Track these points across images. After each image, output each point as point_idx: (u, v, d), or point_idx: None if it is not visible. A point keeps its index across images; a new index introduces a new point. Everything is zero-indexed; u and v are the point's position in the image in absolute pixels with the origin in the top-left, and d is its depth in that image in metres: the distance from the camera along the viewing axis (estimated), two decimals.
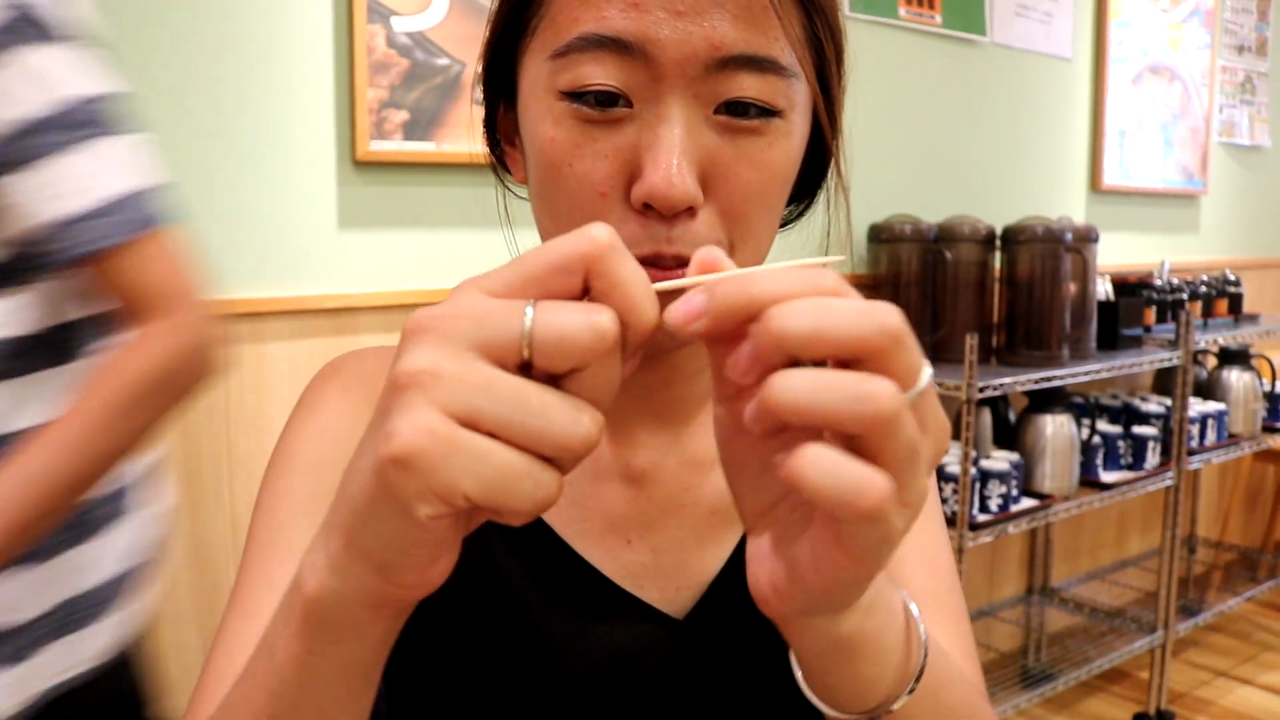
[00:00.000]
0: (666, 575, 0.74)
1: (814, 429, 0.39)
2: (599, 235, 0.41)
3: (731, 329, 0.40)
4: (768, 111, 0.58)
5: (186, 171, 1.68)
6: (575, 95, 0.57)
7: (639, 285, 0.40)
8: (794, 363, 0.39)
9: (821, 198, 0.73)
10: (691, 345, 0.72)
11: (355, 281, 1.85)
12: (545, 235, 0.63)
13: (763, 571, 0.46)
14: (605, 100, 0.57)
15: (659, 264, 0.59)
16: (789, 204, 0.72)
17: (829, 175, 0.72)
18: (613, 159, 0.58)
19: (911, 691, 0.51)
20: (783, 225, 0.72)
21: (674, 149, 0.56)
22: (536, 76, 0.60)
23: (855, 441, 0.38)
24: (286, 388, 1.79)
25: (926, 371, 0.40)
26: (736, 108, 0.57)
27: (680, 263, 0.59)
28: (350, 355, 0.73)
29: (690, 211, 0.58)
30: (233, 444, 1.76)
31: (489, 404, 0.38)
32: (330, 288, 1.83)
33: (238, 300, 1.73)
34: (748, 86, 0.57)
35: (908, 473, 0.38)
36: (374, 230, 1.87)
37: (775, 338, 0.38)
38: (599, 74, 0.56)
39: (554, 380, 0.40)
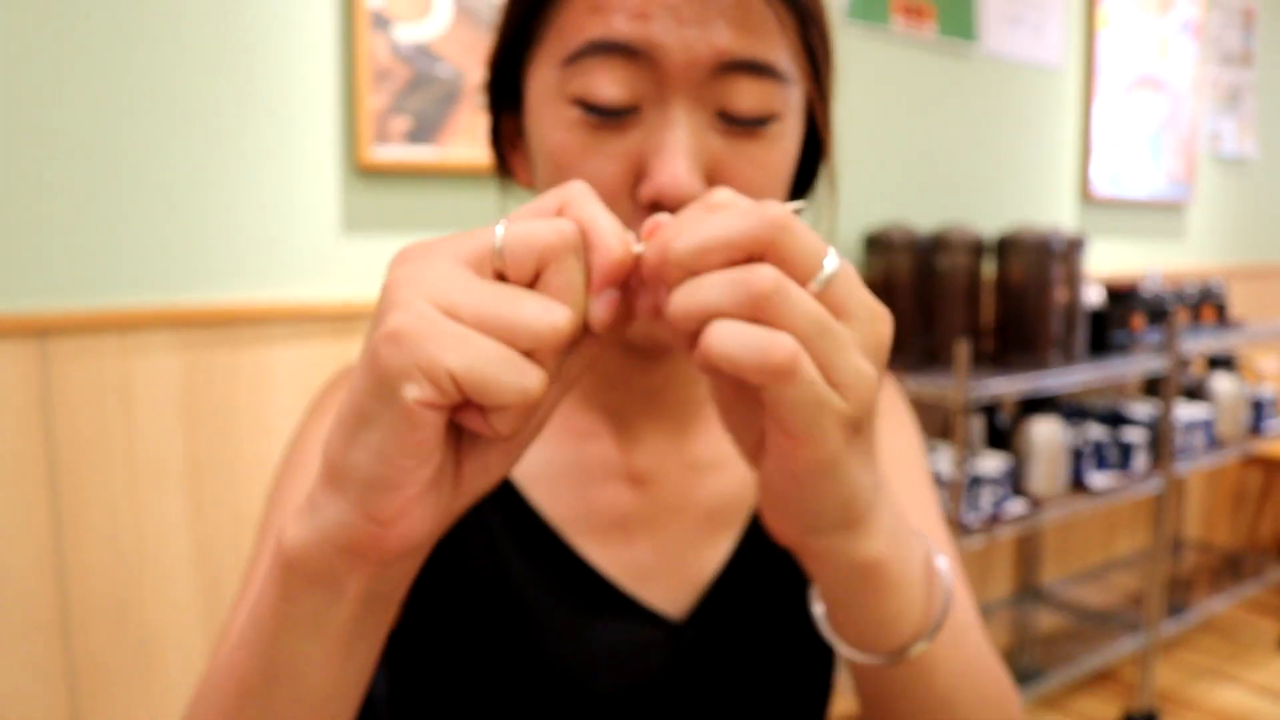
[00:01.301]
0: (667, 575, 0.75)
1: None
2: (574, 185, 0.44)
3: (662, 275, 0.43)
4: (767, 114, 0.61)
5: (191, 177, 1.70)
6: (585, 102, 0.60)
7: (605, 220, 0.43)
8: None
9: (815, 206, 0.76)
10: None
11: (358, 287, 1.88)
12: None
13: (763, 502, 0.47)
14: (614, 107, 0.60)
15: None
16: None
17: (821, 174, 0.76)
18: (620, 160, 0.61)
19: (932, 636, 0.52)
20: None
21: (680, 150, 0.59)
22: (545, 83, 0.62)
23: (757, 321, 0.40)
24: (289, 392, 1.82)
25: (830, 260, 0.41)
26: (738, 111, 0.61)
27: None
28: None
29: None
30: (236, 448, 1.79)
31: (466, 298, 0.41)
32: (333, 293, 1.85)
33: (242, 304, 1.75)
34: (748, 90, 0.60)
35: (821, 346, 0.40)
36: (377, 236, 1.89)
37: (673, 261, 0.42)
38: (608, 80, 0.59)
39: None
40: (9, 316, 1.58)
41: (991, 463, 2.34)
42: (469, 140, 1.91)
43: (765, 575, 0.78)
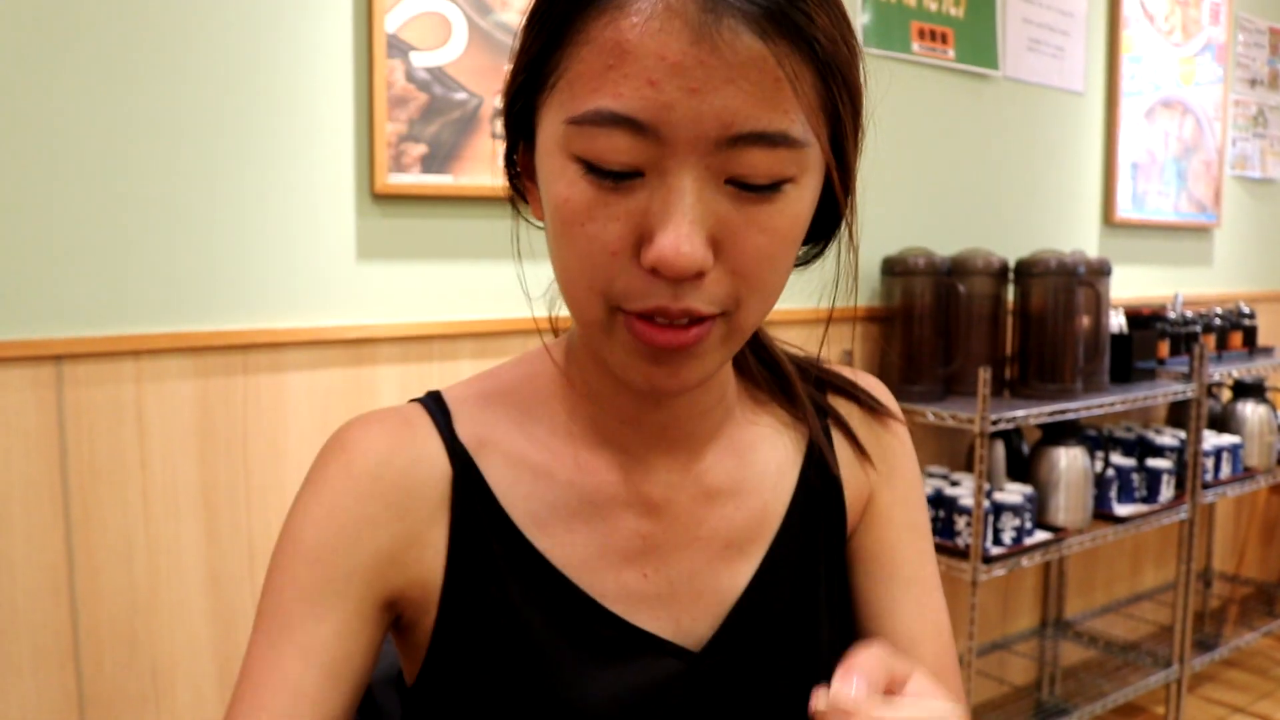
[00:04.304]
0: (682, 606, 0.74)
1: None
2: None
3: None
4: (779, 180, 0.60)
5: (206, 203, 1.71)
6: (590, 165, 0.59)
7: None
8: None
9: (833, 240, 0.75)
10: (704, 386, 0.74)
11: (373, 313, 1.87)
12: (559, 280, 0.65)
13: None
14: (619, 171, 0.58)
15: (665, 315, 0.60)
16: (802, 244, 0.73)
17: (841, 224, 0.74)
18: (624, 221, 0.59)
19: None
20: (796, 265, 0.73)
21: (684, 218, 0.57)
22: (553, 133, 0.61)
23: None
24: (305, 418, 1.81)
25: None
26: (748, 178, 0.59)
27: (688, 317, 0.61)
28: (357, 430, 0.72)
29: (699, 274, 0.59)
30: (250, 474, 1.78)
31: None
32: (349, 319, 1.85)
33: (257, 331, 1.75)
34: (759, 161, 0.58)
35: None
36: (392, 262, 1.89)
37: None
38: (612, 149, 0.58)
39: None
40: (25, 342, 1.58)
41: (1013, 491, 2.30)
42: (485, 167, 1.90)
43: (784, 603, 0.77)
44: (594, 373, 0.73)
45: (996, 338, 2.42)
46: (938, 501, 2.30)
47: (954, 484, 2.35)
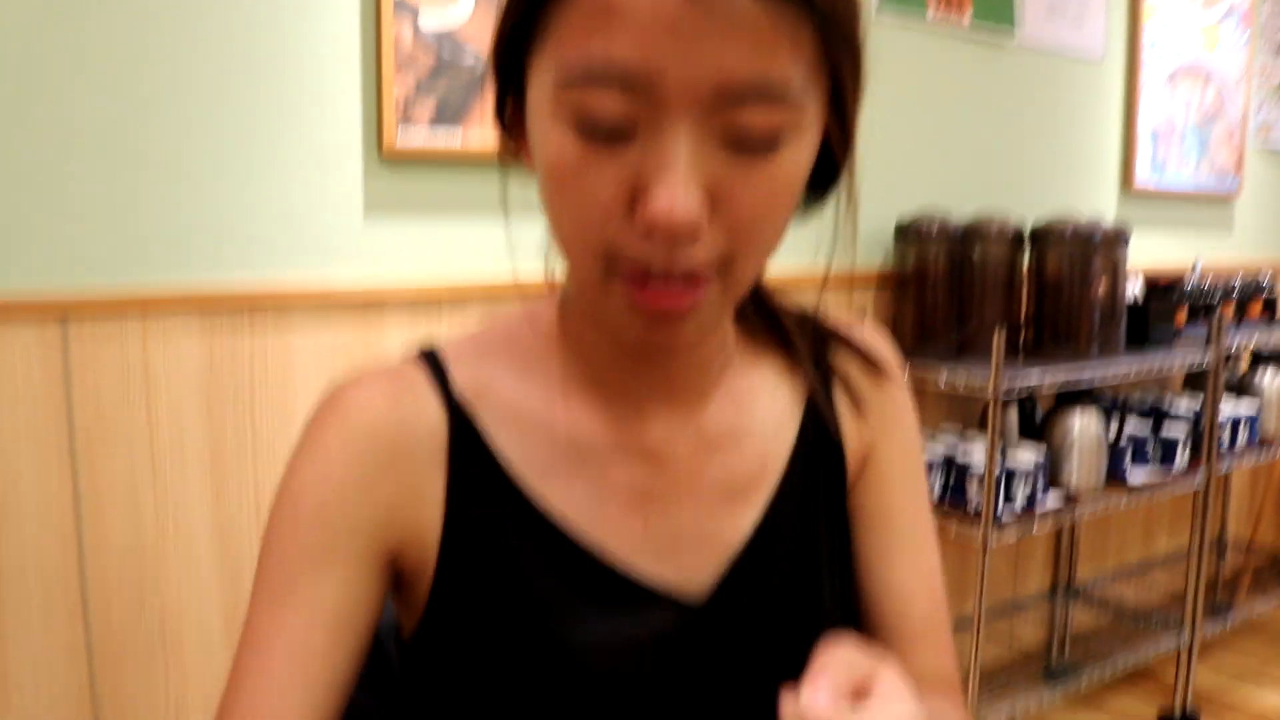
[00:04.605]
0: (683, 556, 0.74)
1: None
2: None
3: None
4: (776, 134, 0.58)
5: (214, 161, 1.70)
6: (582, 122, 0.57)
7: None
8: None
9: (835, 197, 0.73)
10: (703, 340, 0.73)
11: (381, 273, 1.87)
12: (554, 238, 0.64)
13: None
14: (611, 128, 0.57)
15: (662, 273, 0.59)
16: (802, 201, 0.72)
17: (841, 177, 0.72)
18: (617, 179, 0.58)
19: None
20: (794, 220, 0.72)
21: (677, 176, 0.56)
22: (543, 89, 0.60)
23: None
24: (312, 376, 1.81)
25: None
26: (744, 133, 0.57)
27: (684, 275, 0.60)
28: (351, 388, 0.71)
29: (694, 233, 0.58)
30: (257, 431, 1.78)
31: None
32: (356, 279, 1.84)
33: (264, 289, 1.75)
34: (756, 115, 0.57)
35: None
36: (400, 222, 1.88)
37: None
38: (604, 107, 0.56)
39: None
40: (31, 298, 1.58)
41: (1026, 456, 2.29)
42: (493, 127, 1.89)
43: (786, 553, 0.77)
44: (590, 329, 0.72)
45: (1011, 303, 2.40)
46: (949, 465, 2.29)
47: (966, 446, 2.34)
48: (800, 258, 0.73)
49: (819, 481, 0.79)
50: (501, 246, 1.97)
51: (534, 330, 0.76)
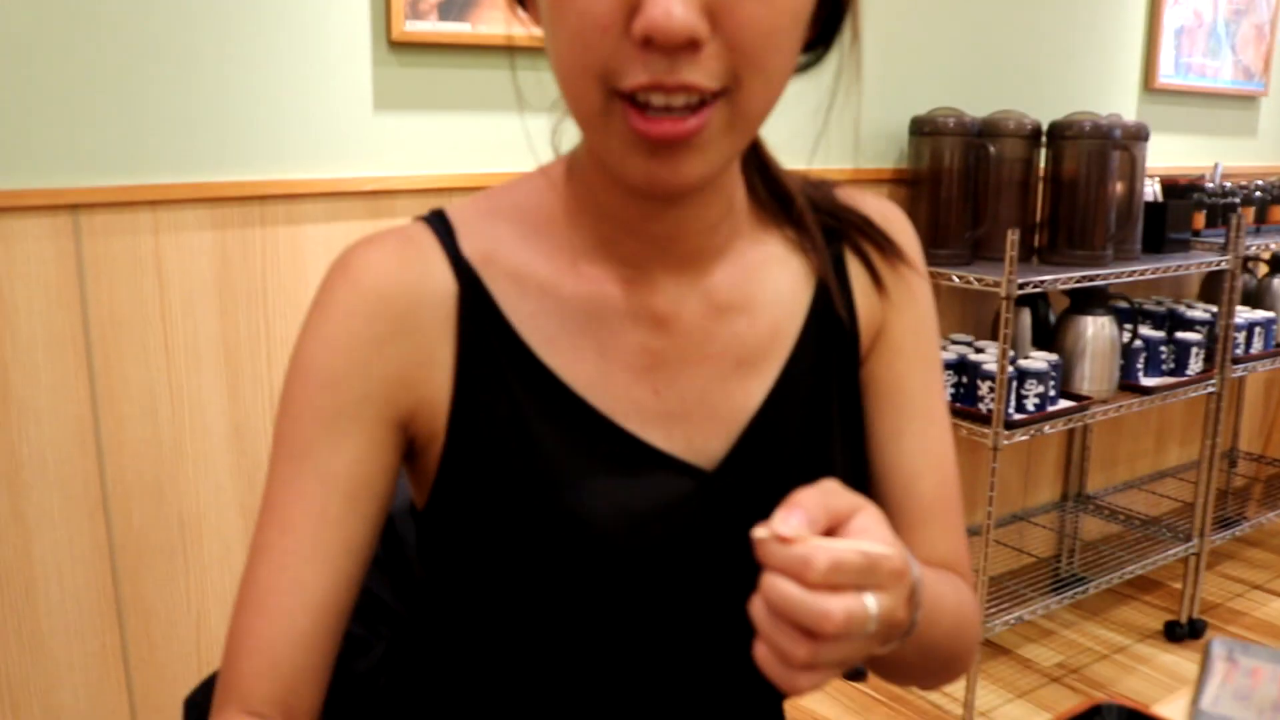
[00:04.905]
0: (694, 424, 0.73)
1: None
2: None
3: None
4: None
5: (222, 53, 1.68)
6: None
7: None
8: None
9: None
10: (709, 192, 0.71)
11: (391, 164, 1.85)
12: (556, 72, 0.62)
13: None
14: None
15: (662, 91, 0.58)
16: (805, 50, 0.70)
17: (845, 23, 0.70)
18: None
19: (902, 641, 0.61)
20: (799, 70, 0.70)
21: None
22: None
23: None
24: (323, 270, 1.79)
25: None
26: None
27: (685, 94, 0.58)
28: (362, 252, 0.71)
29: (694, 45, 0.56)
30: (270, 326, 1.78)
31: None
32: (366, 170, 1.82)
33: (274, 181, 1.74)
34: None
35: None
36: (409, 113, 1.86)
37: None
38: None
39: None
40: (41, 191, 1.57)
41: (1039, 359, 2.28)
42: (502, 16, 1.85)
43: (798, 423, 0.76)
44: (597, 183, 0.71)
45: (1026, 203, 2.37)
46: (961, 367, 2.28)
47: (978, 351, 2.33)
48: (810, 160, 0.72)
49: (831, 355, 0.78)
50: (511, 139, 1.95)
51: (540, 196, 0.75)
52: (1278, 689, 0.76)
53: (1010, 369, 2.20)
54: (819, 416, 0.77)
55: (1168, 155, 3.09)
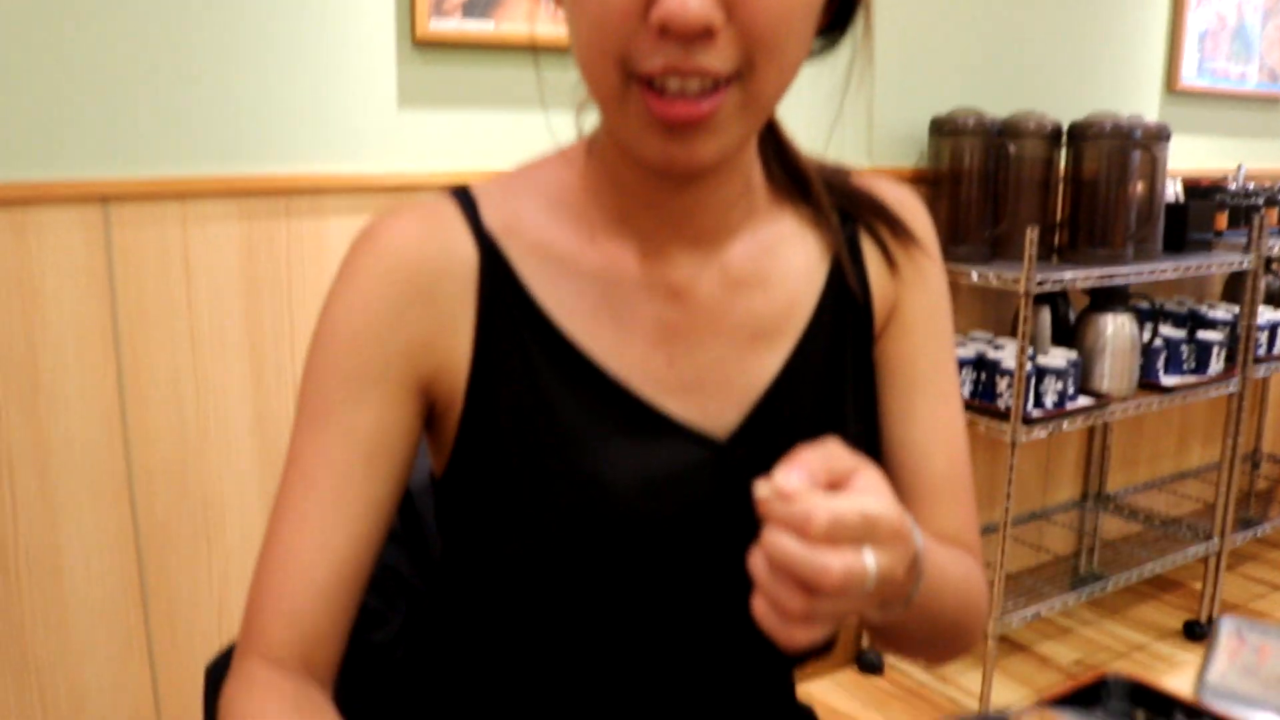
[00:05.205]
0: (709, 395, 0.75)
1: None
2: None
3: None
4: None
5: (250, 49, 1.71)
6: None
7: None
8: None
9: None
10: (726, 171, 0.73)
11: (414, 160, 1.87)
12: (576, 57, 0.65)
13: None
14: None
15: (677, 75, 0.60)
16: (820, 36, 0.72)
17: (859, 8, 0.72)
18: None
19: (906, 606, 0.65)
20: (812, 55, 0.72)
21: None
22: None
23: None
24: None
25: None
26: None
27: (700, 79, 0.60)
28: (386, 221, 0.73)
29: (709, 33, 0.59)
30: (294, 318, 1.81)
31: None
32: (390, 166, 1.85)
33: (299, 176, 1.76)
34: None
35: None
36: (433, 110, 1.88)
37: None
38: None
39: None
40: (72, 183, 1.60)
41: (1058, 356, 2.28)
42: (524, 14, 1.87)
43: (812, 397, 0.77)
44: (616, 162, 0.73)
45: (1047, 203, 2.37)
46: (980, 364, 2.29)
47: (997, 348, 2.33)
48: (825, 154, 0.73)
49: (846, 331, 0.80)
50: (534, 137, 1.97)
51: (561, 172, 0.77)
52: None
53: (1029, 366, 2.20)
54: (832, 391, 0.79)
55: (1190, 157, 3.08)
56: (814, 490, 0.55)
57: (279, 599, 0.69)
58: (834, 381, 0.79)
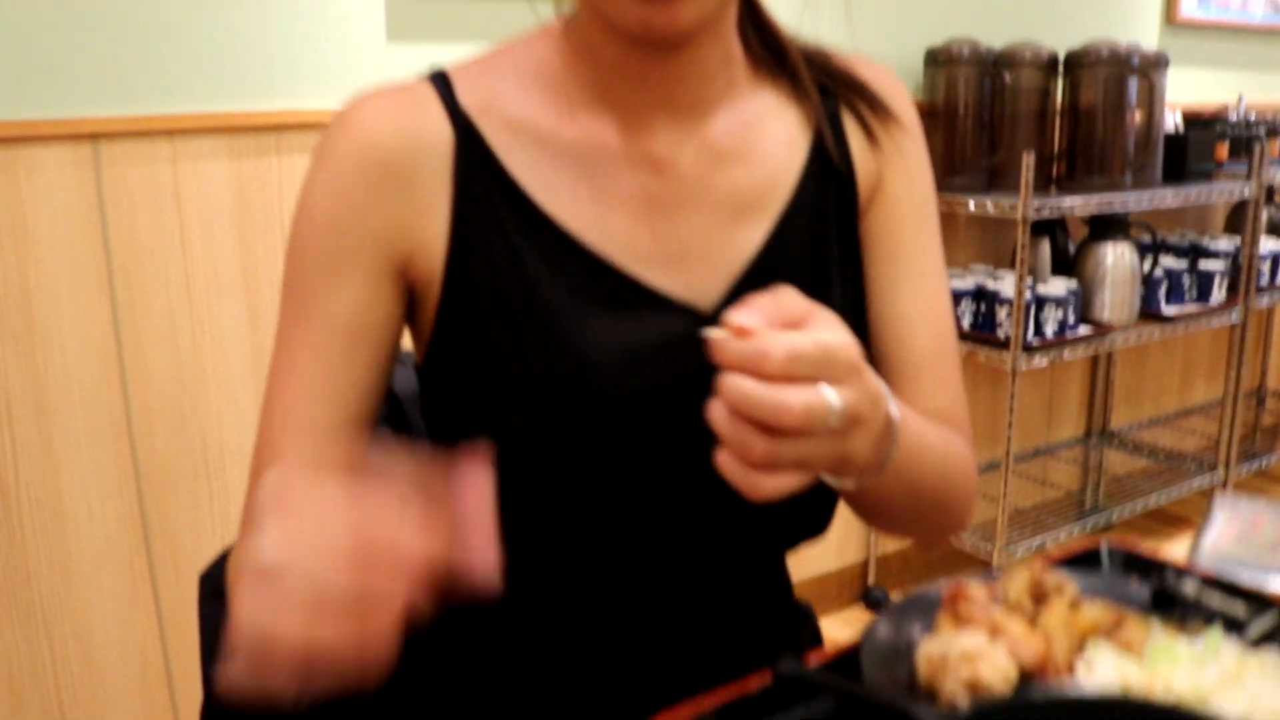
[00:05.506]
0: (692, 267, 0.75)
1: None
2: None
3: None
4: None
5: None
6: None
7: None
8: None
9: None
10: (705, 41, 0.72)
11: None
12: None
13: None
14: None
15: None
16: None
17: None
18: None
19: (880, 473, 0.64)
20: None
21: None
22: None
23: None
24: None
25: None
26: None
27: None
28: (361, 104, 0.73)
29: None
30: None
31: None
32: None
33: (289, 112, 1.75)
34: None
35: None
36: (422, 44, 1.87)
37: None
38: None
39: None
40: (62, 121, 1.60)
41: (1057, 285, 2.27)
42: None
43: (796, 270, 0.77)
44: (595, 35, 0.72)
45: (1044, 134, 2.35)
46: (979, 295, 2.27)
47: (996, 279, 2.32)
48: None
49: (830, 205, 0.79)
50: None
51: (538, 48, 0.76)
52: (1276, 532, 0.77)
53: (1028, 295, 2.19)
54: (818, 264, 0.78)
55: (1190, 90, 3.05)
56: (769, 328, 0.54)
57: (271, 463, 0.70)
58: (819, 254, 0.78)
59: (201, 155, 1.71)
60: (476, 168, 0.72)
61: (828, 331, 0.55)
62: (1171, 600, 0.69)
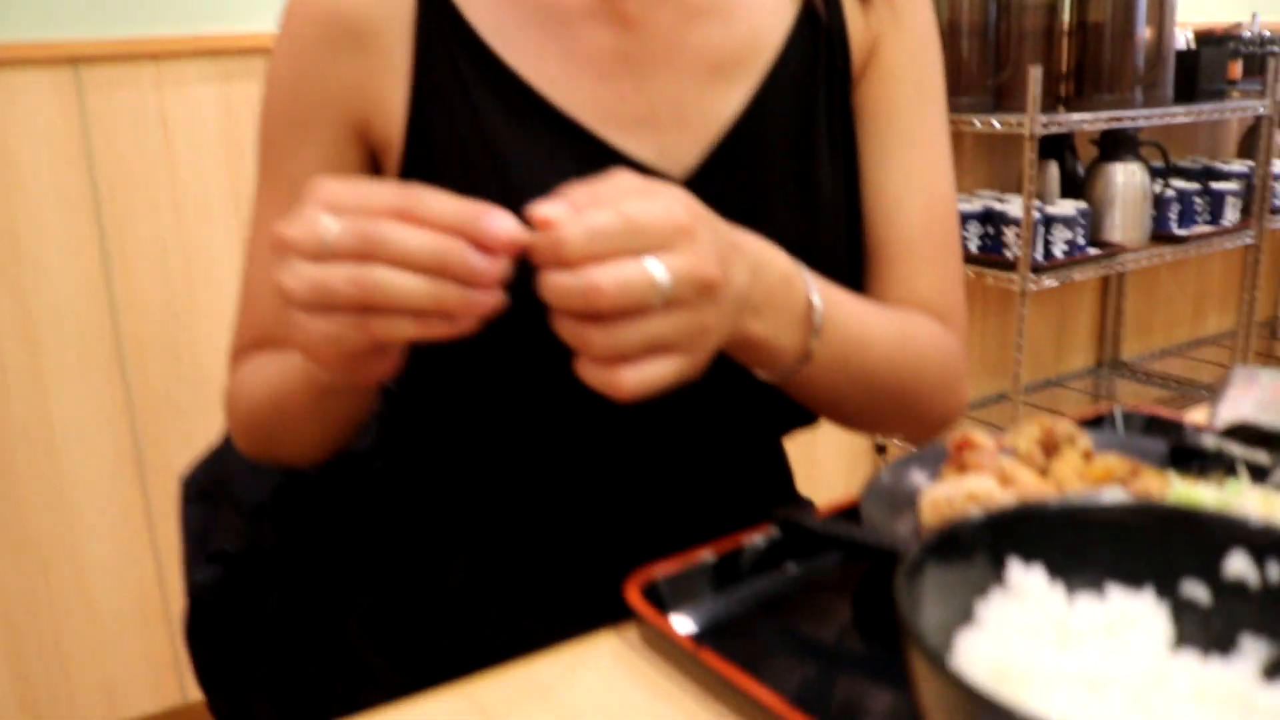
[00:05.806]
0: (665, 130, 0.71)
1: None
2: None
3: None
4: None
5: None
6: None
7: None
8: None
9: None
10: None
11: None
12: None
13: None
14: None
15: None
16: None
17: None
18: None
19: (805, 362, 0.63)
20: None
21: None
22: None
23: None
24: None
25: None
26: None
27: None
28: None
29: None
30: None
31: None
32: None
33: (271, 36, 1.71)
34: None
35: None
36: None
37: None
38: None
39: None
40: (40, 44, 1.56)
41: (1066, 205, 2.22)
42: None
43: (779, 136, 0.73)
44: None
45: (1051, 53, 2.29)
46: (986, 217, 2.23)
47: (1003, 201, 2.28)
48: None
49: (819, 70, 0.75)
50: None
51: None
52: None
53: (1036, 215, 2.15)
54: (803, 132, 0.74)
55: (1202, 9, 2.97)
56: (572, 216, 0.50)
57: (249, 333, 0.74)
58: (805, 121, 0.74)
59: (188, 79, 1.67)
60: (439, 23, 0.69)
61: (639, 201, 0.51)
62: (1189, 455, 0.65)
